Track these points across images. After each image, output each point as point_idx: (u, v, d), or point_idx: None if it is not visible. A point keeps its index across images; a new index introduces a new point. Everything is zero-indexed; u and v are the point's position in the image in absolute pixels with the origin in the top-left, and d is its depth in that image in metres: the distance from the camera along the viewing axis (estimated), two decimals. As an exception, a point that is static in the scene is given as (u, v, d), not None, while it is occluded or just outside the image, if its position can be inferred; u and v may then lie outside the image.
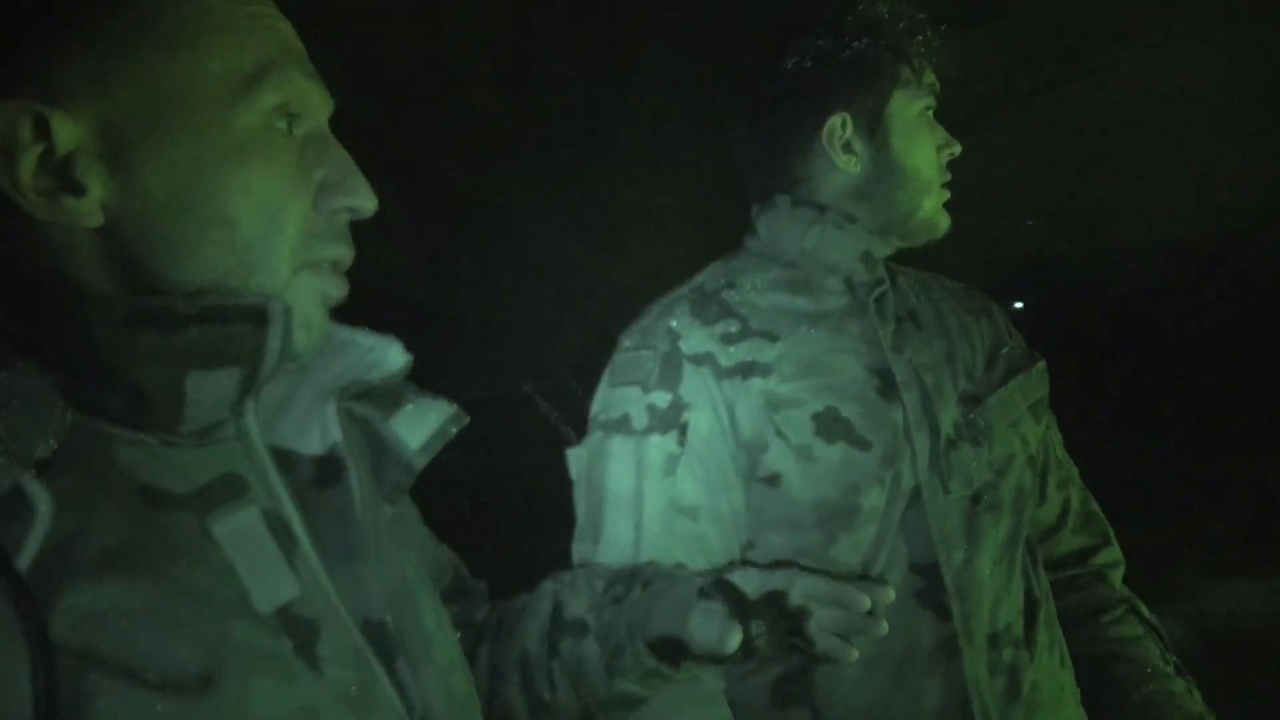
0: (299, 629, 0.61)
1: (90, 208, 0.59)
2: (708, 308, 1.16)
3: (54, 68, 0.58)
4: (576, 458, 1.17)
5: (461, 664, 0.77)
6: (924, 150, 1.17)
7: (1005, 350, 1.24)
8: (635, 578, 0.93)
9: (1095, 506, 1.37)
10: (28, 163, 0.57)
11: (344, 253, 0.68)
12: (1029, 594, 1.15)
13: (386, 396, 0.78)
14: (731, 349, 1.12)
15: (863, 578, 0.92)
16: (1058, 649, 1.18)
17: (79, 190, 0.58)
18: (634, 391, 1.12)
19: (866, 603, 0.79)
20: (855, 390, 1.11)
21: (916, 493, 1.10)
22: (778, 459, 1.10)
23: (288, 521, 0.66)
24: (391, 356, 0.76)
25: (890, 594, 0.81)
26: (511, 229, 4.52)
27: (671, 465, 1.09)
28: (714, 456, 1.10)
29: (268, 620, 0.60)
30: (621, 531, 1.09)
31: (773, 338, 1.13)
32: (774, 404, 1.10)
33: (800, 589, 0.82)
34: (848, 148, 1.18)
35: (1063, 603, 1.29)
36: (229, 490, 0.63)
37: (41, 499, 0.51)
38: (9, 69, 0.58)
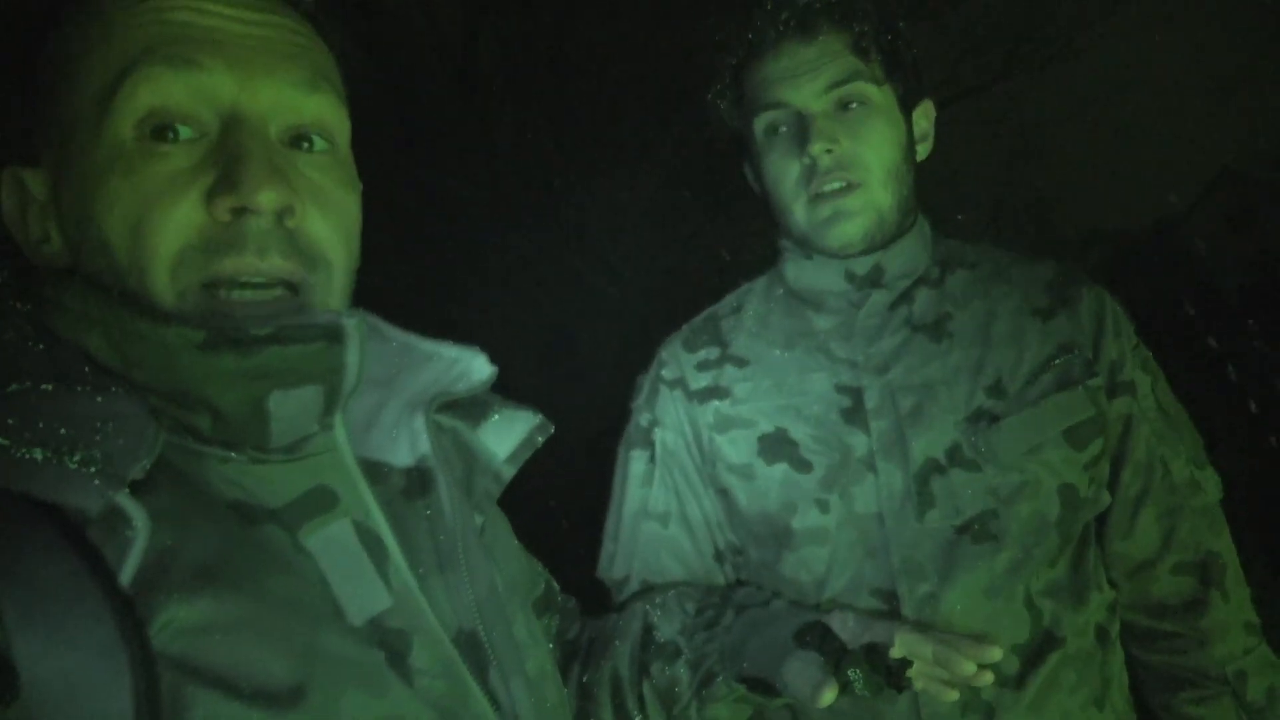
0: (391, 640, 0.61)
1: (55, 250, 0.60)
2: (700, 335, 1.24)
3: (15, 128, 0.61)
4: None
5: (553, 674, 0.77)
6: (768, 172, 1.12)
7: (1062, 360, 1.10)
8: (727, 602, 0.93)
9: (1222, 549, 1.13)
10: (33, 218, 0.61)
11: (244, 265, 0.58)
12: (1043, 631, 1.06)
13: (474, 407, 0.78)
14: (702, 374, 1.19)
15: (973, 638, 0.89)
16: (1088, 689, 1.08)
17: (46, 237, 0.61)
18: (635, 412, 1.24)
19: (970, 668, 0.79)
20: (815, 412, 1.12)
21: (882, 518, 1.07)
22: (723, 474, 1.15)
23: (378, 533, 0.65)
24: (477, 368, 0.76)
25: (997, 654, 0.80)
26: (473, 228, 4.49)
27: (648, 477, 1.19)
28: (681, 469, 1.19)
29: (359, 632, 0.60)
30: (609, 529, 1.21)
31: (742, 363, 1.19)
32: (722, 425, 1.16)
33: (903, 645, 0.81)
34: (755, 186, 1.21)
35: (1150, 657, 1.16)
36: (320, 503, 0.63)
37: (139, 517, 0.51)
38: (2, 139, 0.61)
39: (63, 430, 0.51)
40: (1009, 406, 1.07)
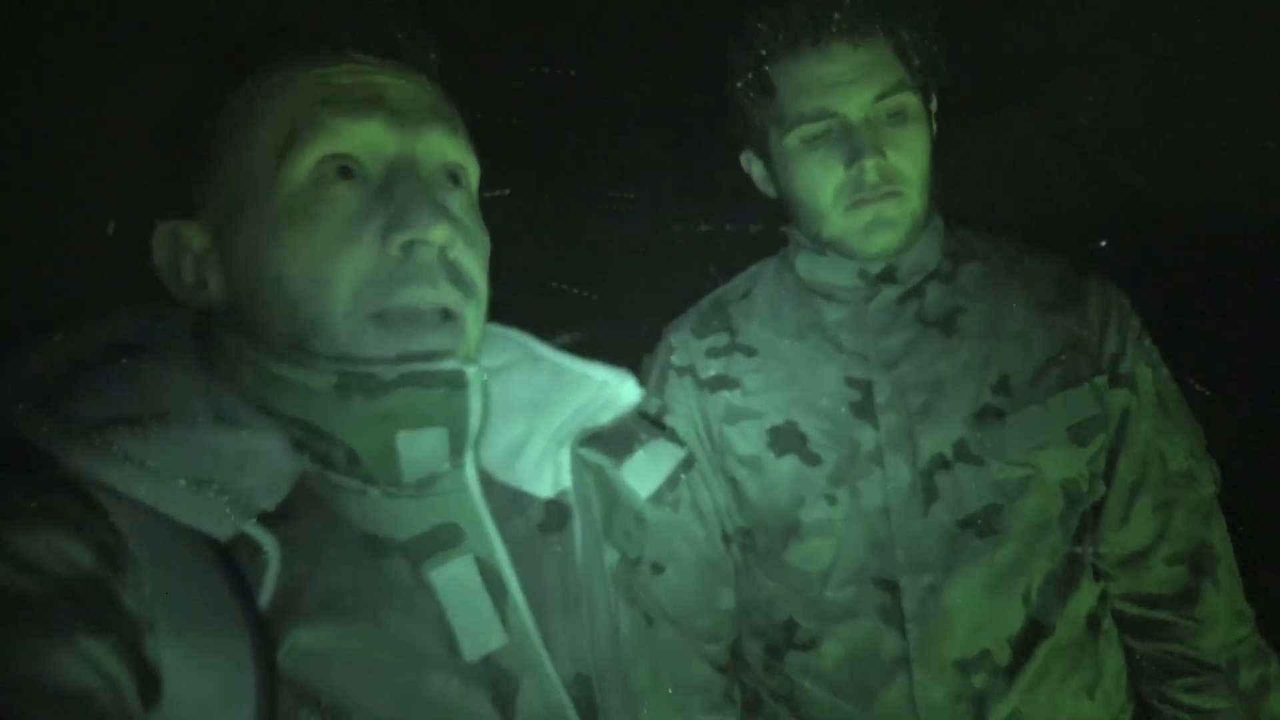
0: (500, 680, 0.62)
1: (216, 295, 0.66)
2: (709, 321, 1.23)
3: (180, 187, 0.67)
4: None
5: None
6: (803, 179, 1.08)
7: (1068, 355, 1.09)
8: None
9: (1216, 540, 1.12)
10: (187, 268, 0.67)
11: (420, 295, 0.63)
12: (1034, 622, 1.06)
13: (618, 441, 0.77)
14: (712, 362, 1.20)
15: None
16: (1080, 678, 1.08)
17: (205, 284, 0.66)
18: (642, 397, 1.36)
19: None
20: (825, 405, 1.12)
21: (888, 512, 1.07)
22: (732, 465, 1.16)
23: (500, 571, 0.67)
24: (625, 393, 0.77)
25: None
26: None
27: None
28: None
29: (469, 670, 0.61)
30: None
31: (750, 352, 1.18)
32: (732, 416, 1.16)
33: None
34: (762, 179, 1.18)
35: (1144, 646, 1.15)
36: (445, 539, 0.66)
37: (269, 543, 0.55)
38: (162, 196, 0.67)
39: (208, 460, 0.54)
40: (1015, 404, 1.07)
